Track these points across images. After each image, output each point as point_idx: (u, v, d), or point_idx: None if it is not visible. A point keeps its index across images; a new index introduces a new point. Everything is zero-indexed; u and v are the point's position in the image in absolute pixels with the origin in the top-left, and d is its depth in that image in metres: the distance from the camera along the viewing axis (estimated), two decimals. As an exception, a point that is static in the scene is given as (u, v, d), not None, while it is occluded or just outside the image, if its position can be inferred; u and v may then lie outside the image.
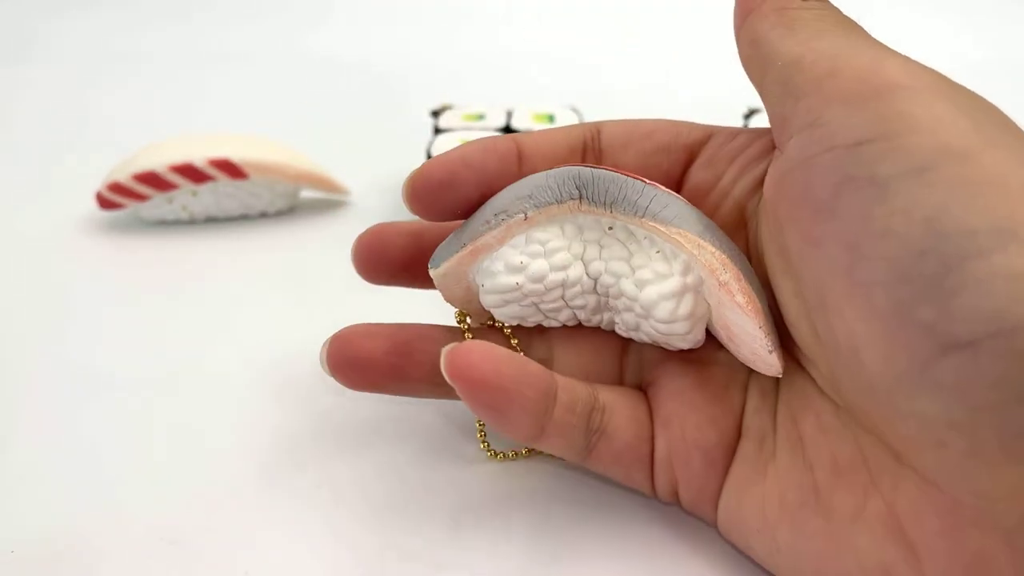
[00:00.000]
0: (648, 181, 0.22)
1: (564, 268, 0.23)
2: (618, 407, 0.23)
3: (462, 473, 0.25)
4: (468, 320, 0.25)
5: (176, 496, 0.24)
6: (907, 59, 0.19)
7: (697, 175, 0.24)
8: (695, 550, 0.22)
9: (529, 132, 0.24)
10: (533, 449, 0.26)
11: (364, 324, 0.24)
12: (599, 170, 0.22)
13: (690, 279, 0.22)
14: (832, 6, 0.21)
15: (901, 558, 0.18)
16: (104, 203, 0.37)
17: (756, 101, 0.42)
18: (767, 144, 0.23)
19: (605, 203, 0.22)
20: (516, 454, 0.26)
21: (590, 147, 0.24)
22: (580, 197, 0.22)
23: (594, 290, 0.23)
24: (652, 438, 0.23)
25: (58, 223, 0.39)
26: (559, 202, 0.22)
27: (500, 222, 0.22)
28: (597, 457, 0.22)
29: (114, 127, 0.49)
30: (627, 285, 0.22)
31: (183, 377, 0.29)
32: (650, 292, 0.22)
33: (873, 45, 0.19)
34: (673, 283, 0.22)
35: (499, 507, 0.24)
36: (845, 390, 0.19)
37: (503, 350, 0.21)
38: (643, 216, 0.22)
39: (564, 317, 0.24)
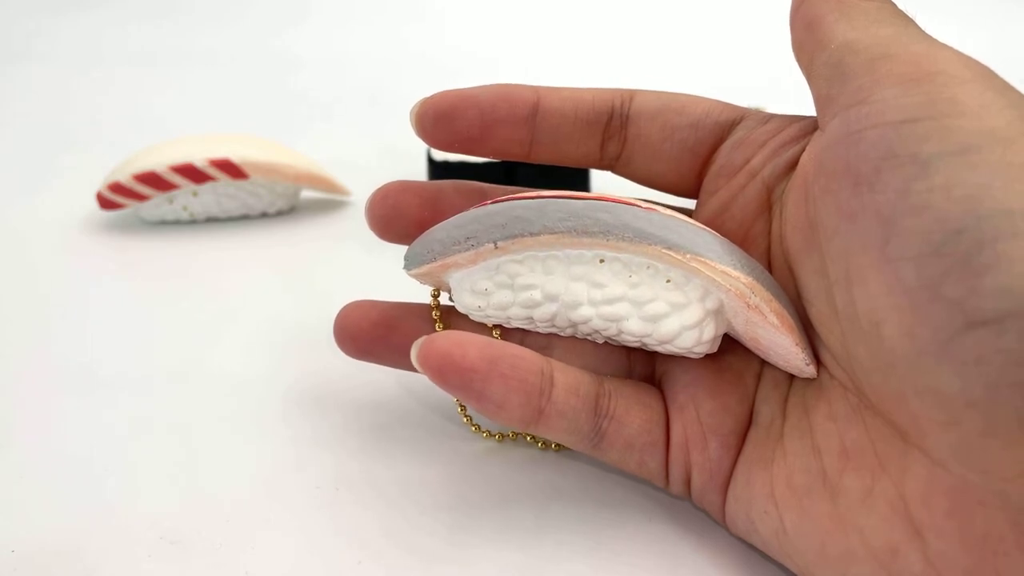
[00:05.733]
0: (645, 205, 0.21)
1: (531, 307, 0.22)
2: (627, 393, 0.23)
3: (461, 470, 0.25)
4: (440, 299, 0.25)
5: (176, 496, 0.24)
6: (959, 52, 0.19)
7: (726, 155, 0.23)
8: (698, 547, 0.22)
9: (556, 87, 0.24)
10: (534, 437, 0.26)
11: (368, 300, 0.25)
12: (589, 201, 0.21)
13: (710, 304, 0.21)
14: (890, 1, 0.21)
15: (907, 539, 0.18)
16: (105, 203, 0.37)
17: (757, 101, 0.42)
18: (799, 130, 0.23)
19: (600, 232, 0.21)
20: (515, 435, 0.26)
21: (617, 113, 0.24)
22: (562, 231, 0.21)
23: (572, 325, 0.23)
24: (666, 424, 0.23)
25: (58, 223, 0.39)
26: (532, 235, 0.21)
27: (470, 247, 0.22)
28: (609, 443, 0.22)
29: (114, 127, 0.49)
30: (632, 325, 0.22)
31: (183, 377, 0.29)
32: (669, 325, 0.21)
33: (927, 37, 0.20)
34: (694, 312, 0.21)
35: (498, 502, 0.24)
36: (859, 368, 0.19)
37: (475, 336, 0.21)
38: (653, 244, 0.21)
39: (542, 331, 0.24)
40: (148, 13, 0.68)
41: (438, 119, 0.23)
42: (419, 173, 0.39)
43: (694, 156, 0.24)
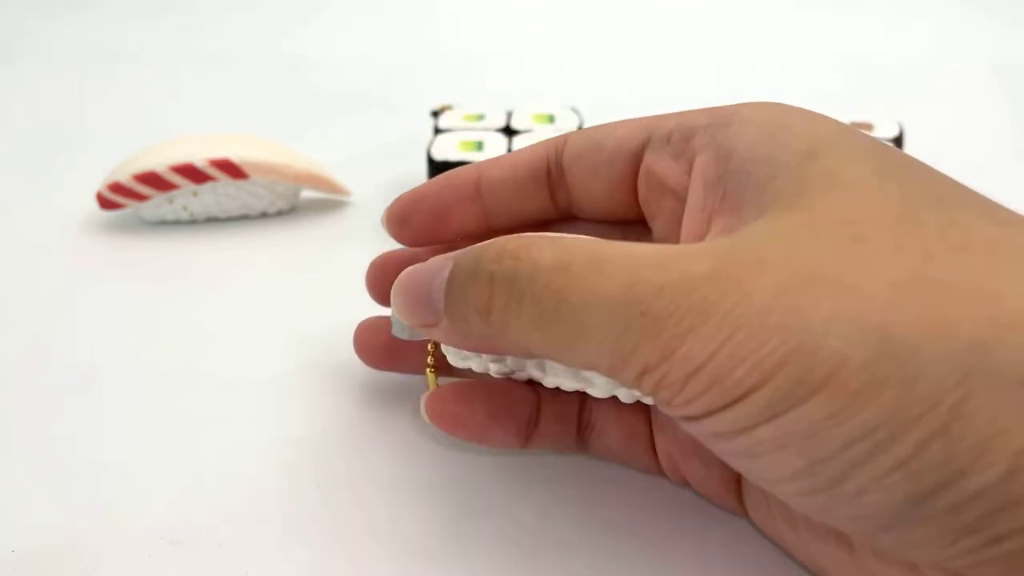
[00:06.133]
0: None
1: (507, 373, 0.22)
2: (608, 408, 0.23)
3: (461, 470, 0.25)
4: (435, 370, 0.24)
5: (176, 496, 0.24)
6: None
7: (644, 186, 0.22)
8: (700, 548, 0.22)
9: (496, 158, 0.25)
10: None
11: (378, 317, 0.27)
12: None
13: None
14: (565, 239, 0.18)
15: None
16: (104, 203, 0.37)
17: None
18: (696, 143, 0.21)
19: None
20: None
21: (553, 164, 0.24)
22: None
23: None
24: (650, 437, 0.23)
25: (58, 223, 0.39)
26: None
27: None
28: (592, 449, 0.24)
29: (114, 127, 0.49)
30: (596, 391, 0.21)
31: (183, 377, 0.29)
32: (628, 393, 0.21)
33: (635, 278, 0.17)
34: None
35: (499, 502, 0.24)
36: None
37: (478, 386, 0.23)
38: None
39: None
40: (149, 13, 0.68)
41: (400, 224, 0.25)
42: (419, 173, 0.39)
43: (623, 189, 0.23)
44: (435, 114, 0.41)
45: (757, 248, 0.16)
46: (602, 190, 0.23)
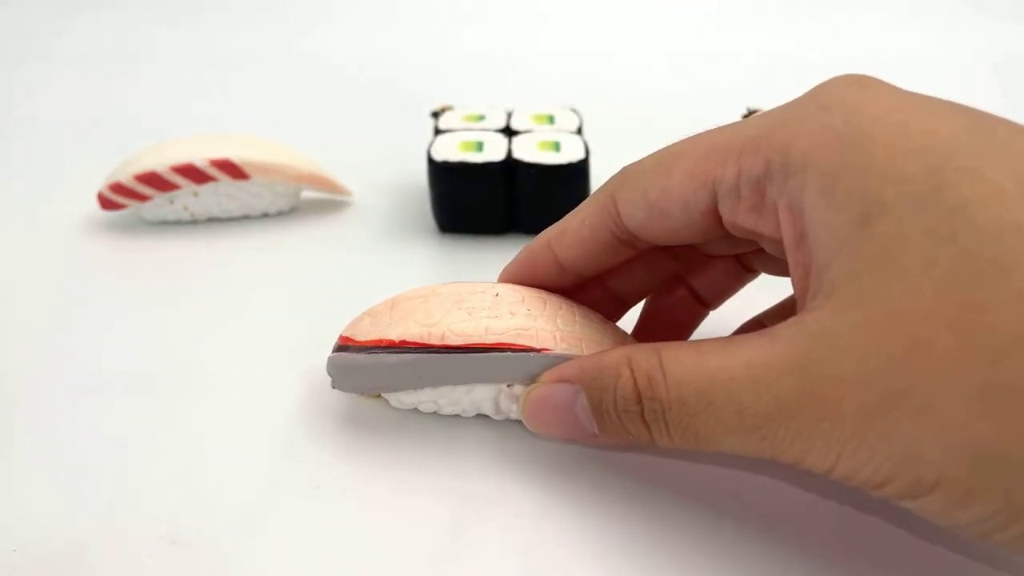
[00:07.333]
0: (538, 347, 0.24)
1: (458, 411, 0.26)
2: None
3: (462, 469, 0.25)
4: None
5: (176, 496, 0.24)
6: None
7: (729, 217, 0.21)
8: (700, 548, 0.22)
9: (557, 233, 0.25)
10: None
11: None
12: (487, 353, 0.24)
13: None
14: (669, 364, 0.21)
15: None
16: (105, 203, 0.37)
17: (756, 101, 0.42)
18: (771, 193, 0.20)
19: (497, 379, 0.25)
20: None
21: (619, 229, 0.24)
22: (465, 381, 0.25)
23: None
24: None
25: (59, 223, 0.39)
26: (440, 384, 0.25)
27: (394, 388, 0.26)
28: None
29: (115, 127, 0.49)
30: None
31: (184, 377, 0.29)
32: None
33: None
34: None
35: (500, 501, 0.24)
36: None
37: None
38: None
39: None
40: (150, 15, 0.68)
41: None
42: (419, 173, 0.39)
43: (706, 235, 0.23)
44: (435, 114, 0.41)
45: (832, 363, 0.18)
46: (685, 240, 0.23)
